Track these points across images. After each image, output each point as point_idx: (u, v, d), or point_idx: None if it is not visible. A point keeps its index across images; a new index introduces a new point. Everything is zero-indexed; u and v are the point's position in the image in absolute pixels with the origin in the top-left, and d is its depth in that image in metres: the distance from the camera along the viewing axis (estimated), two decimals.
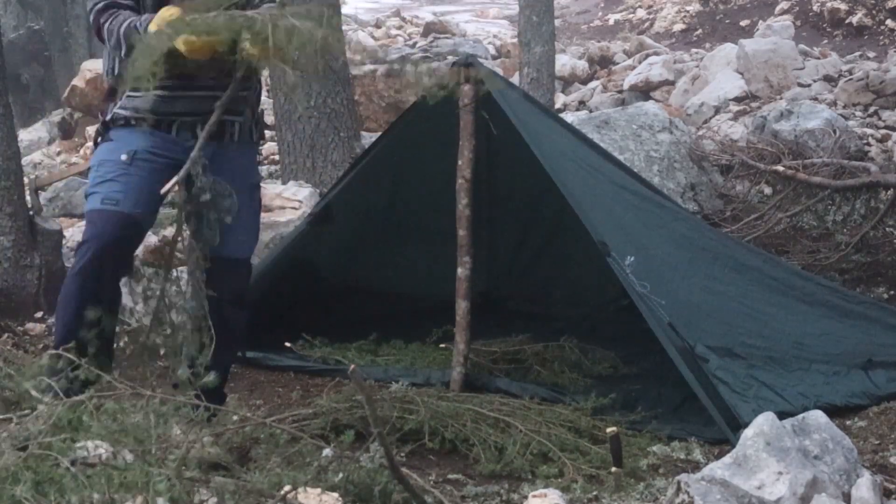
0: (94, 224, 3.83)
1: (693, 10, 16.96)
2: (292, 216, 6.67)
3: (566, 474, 3.67)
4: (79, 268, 3.80)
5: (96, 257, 3.78)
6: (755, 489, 3.06)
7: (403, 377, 4.90)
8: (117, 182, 3.83)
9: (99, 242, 3.78)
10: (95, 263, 3.78)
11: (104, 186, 3.84)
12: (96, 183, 3.87)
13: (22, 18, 16.42)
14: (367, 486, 3.11)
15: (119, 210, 3.81)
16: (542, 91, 9.43)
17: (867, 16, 14.55)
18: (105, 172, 3.85)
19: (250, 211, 4.15)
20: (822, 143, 8.38)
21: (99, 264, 3.78)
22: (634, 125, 8.03)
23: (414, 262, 5.81)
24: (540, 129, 4.86)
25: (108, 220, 3.80)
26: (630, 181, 5.08)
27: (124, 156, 3.85)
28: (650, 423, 4.31)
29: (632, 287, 4.32)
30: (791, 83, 11.25)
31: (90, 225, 3.86)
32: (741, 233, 6.94)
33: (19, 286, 5.91)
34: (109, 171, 3.85)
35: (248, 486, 2.84)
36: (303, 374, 5.22)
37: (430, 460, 3.88)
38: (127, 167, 3.84)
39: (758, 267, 4.99)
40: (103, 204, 3.81)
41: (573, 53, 14.30)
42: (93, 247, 3.79)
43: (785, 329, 4.70)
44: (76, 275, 3.81)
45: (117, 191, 3.82)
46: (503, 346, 5.19)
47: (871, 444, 4.07)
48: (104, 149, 3.92)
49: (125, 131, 3.88)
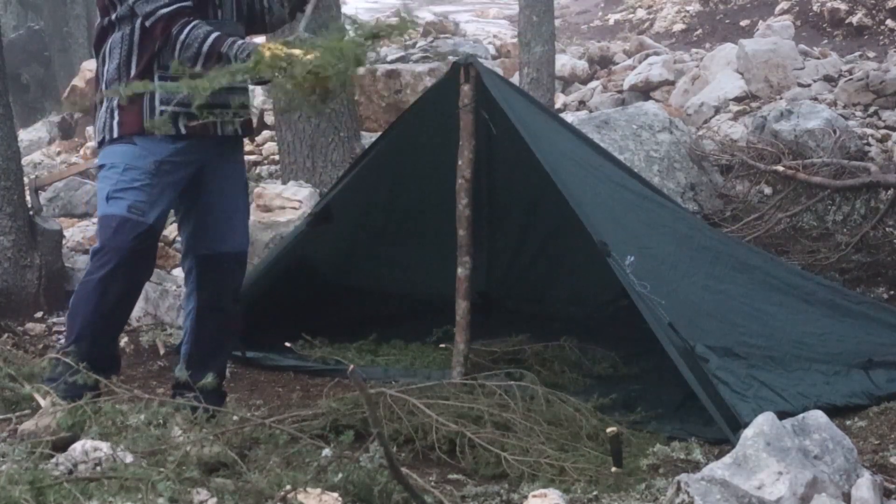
0: (118, 232, 3.80)
1: (693, 10, 16.94)
2: (292, 216, 6.67)
3: (566, 474, 3.67)
4: (101, 275, 3.79)
5: (121, 267, 3.79)
6: (755, 489, 3.06)
7: (403, 377, 4.90)
8: (143, 191, 3.83)
9: (124, 253, 3.79)
10: (120, 273, 3.80)
11: (130, 194, 3.82)
12: (121, 188, 3.83)
13: (22, 18, 16.43)
14: (366, 486, 3.10)
15: (144, 221, 3.82)
16: (542, 91, 9.42)
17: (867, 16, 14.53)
18: (131, 179, 3.83)
19: (245, 205, 4.21)
20: (822, 143, 8.37)
21: (122, 273, 3.81)
22: (634, 125, 8.02)
23: (414, 262, 5.81)
24: (540, 129, 4.85)
25: (133, 229, 3.80)
26: (630, 181, 5.08)
27: (151, 164, 3.83)
28: (650, 423, 4.31)
29: (632, 287, 4.32)
30: (791, 83, 11.24)
31: (111, 230, 3.82)
32: (741, 233, 6.94)
33: (19, 286, 5.91)
34: (136, 179, 3.83)
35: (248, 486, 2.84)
36: (303, 374, 5.22)
37: (430, 460, 3.87)
38: (152, 177, 3.83)
39: (758, 266, 4.98)
40: (130, 212, 3.80)
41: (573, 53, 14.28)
42: (115, 256, 3.78)
43: (785, 329, 4.70)
44: (96, 282, 3.80)
45: (143, 201, 3.82)
46: (503, 346, 5.19)
47: (871, 444, 4.06)
48: (128, 153, 3.87)
49: (150, 139, 3.85)
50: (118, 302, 3.87)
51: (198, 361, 4.01)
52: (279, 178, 8.18)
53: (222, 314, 4.10)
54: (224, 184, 4.02)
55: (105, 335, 3.92)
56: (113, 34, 3.92)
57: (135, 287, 3.96)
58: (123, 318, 4.07)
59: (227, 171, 4.03)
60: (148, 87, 3.63)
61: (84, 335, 3.81)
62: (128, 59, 3.88)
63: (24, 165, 7.37)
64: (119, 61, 3.89)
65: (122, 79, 3.88)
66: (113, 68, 3.91)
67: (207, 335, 4.09)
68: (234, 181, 4.08)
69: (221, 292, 4.08)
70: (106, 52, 3.94)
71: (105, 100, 3.93)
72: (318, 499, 2.89)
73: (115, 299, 3.84)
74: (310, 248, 5.56)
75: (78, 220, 7.87)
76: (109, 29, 3.93)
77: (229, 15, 4.00)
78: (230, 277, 4.10)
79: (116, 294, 3.83)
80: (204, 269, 4.07)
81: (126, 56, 3.89)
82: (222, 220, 4.02)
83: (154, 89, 3.70)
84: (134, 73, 3.87)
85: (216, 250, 4.04)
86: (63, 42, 15.86)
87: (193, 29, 3.76)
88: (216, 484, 2.87)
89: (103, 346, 3.90)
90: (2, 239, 5.86)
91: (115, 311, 3.90)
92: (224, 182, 4.02)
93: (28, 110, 14.50)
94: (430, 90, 5.50)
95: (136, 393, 3.47)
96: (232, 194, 4.07)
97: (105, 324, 3.87)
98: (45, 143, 12.65)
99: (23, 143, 9.49)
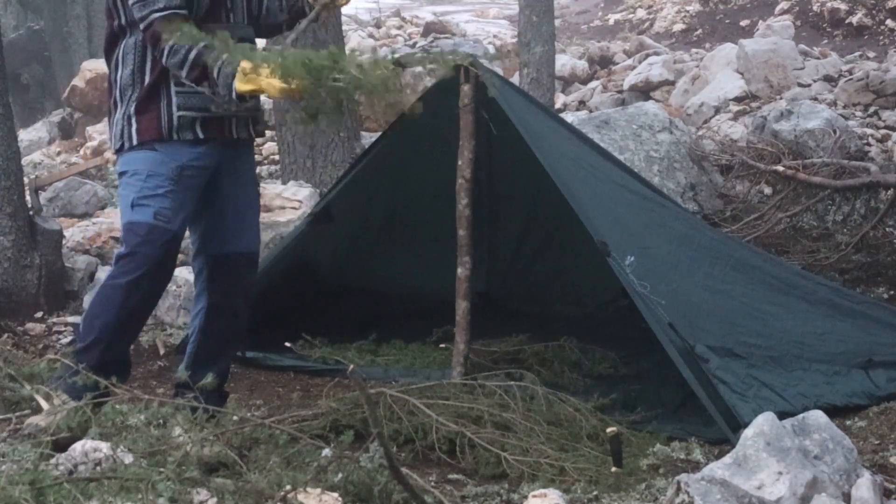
0: (144, 239, 3.82)
1: (693, 10, 16.95)
2: (292, 216, 6.68)
3: (566, 474, 3.67)
4: (125, 281, 3.82)
5: (147, 274, 3.82)
6: (755, 489, 3.06)
7: (403, 377, 4.89)
8: (167, 198, 3.85)
9: (150, 260, 3.81)
10: (145, 279, 3.83)
11: (156, 200, 3.84)
12: (146, 195, 3.84)
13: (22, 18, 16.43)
14: (366, 486, 3.10)
15: (170, 228, 3.85)
16: (542, 91, 9.43)
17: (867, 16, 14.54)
18: (155, 186, 3.85)
19: (256, 205, 4.22)
20: (822, 143, 8.37)
21: (148, 280, 3.84)
22: (634, 125, 8.03)
23: (414, 263, 5.81)
24: (540, 129, 4.85)
25: (160, 236, 3.82)
26: (630, 181, 5.08)
27: (173, 171, 3.85)
28: (650, 423, 4.31)
29: (632, 287, 4.32)
30: (791, 83, 11.24)
31: (139, 238, 3.83)
32: (741, 233, 6.94)
33: (19, 286, 5.91)
34: (160, 186, 3.85)
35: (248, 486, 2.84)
36: (303, 374, 5.23)
37: (430, 460, 3.87)
38: (175, 183, 3.85)
39: (758, 266, 4.98)
40: (156, 219, 3.82)
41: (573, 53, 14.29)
42: (144, 263, 3.81)
43: (785, 328, 4.70)
44: (121, 287, 3.82)
45: (168, 207, 3.84)
46: (503, 346, 5.19)
47: (871, 444, 4.06)
48: (150, 159, 3.87)
49: (170, 145, 3.87)
50: (140, 307, 3.91)
51: (202, 361, 4.02)
52: (279, 178, 8.18)
53: (232, 314, 4.12)
54: (236, 185, 4.03)
55: (122, 340, 3.94)
56: (125, 40, 3.90)
57: (157, 293, 4.01)
58: (141, 324, 4.10)
59: (239, 173, 4.04)
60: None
61: (102, 338, 3.83)
62: (142, 64, 3.87)
63: (24, 165, 7.37)
64: (133, 67, 3.88)
65: (137, 85, 3.88)
66: (127, 74, 3.90)
67: (215, 335, 4.10)
68: (245, 182, 4.10)
69: (232, 292, 4.09)
70: (119, 58, 3.92)
71: (120, 105, 3.92)
72: (318, 499, 2.89)
73: (138, 305, 3.87)
74: (310, 248, 5.56)
75: (78, 220, 7.87)
76: (120, 34, 3.91)
77: (241, 18, 4.00)
78: (241, 277, 4.11)
79: (140, 299, 3.86)
80: (215, 269, 4.07)
81: (140, 62, 3.88)
82: (234, 220, 4.03)
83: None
84: (149, 80, 3.87)
85: (228, 250, 4.05)
86: (63, 42, 15.86)
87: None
88: (216, 484, 2.87)
89: (118, 350, 3.91)
90: (2, 239, 5.86)
91: (135, 316, 3.93)
92: (236, 183, 4.03)
93: (28, 110, 14.50)
94: (430, 90, 5.50)
95: (136, 393, 3.47)
96: (244, 195, 4.08)
97: (123, 329, 3.90)
98: (45, 143, 12.65)
99: (23, 143, 9.49)
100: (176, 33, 3.62)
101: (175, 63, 3.74)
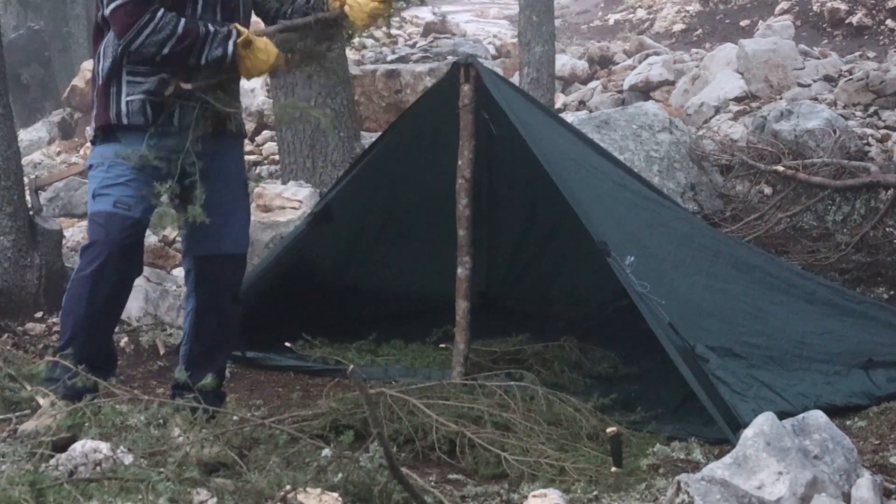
0: (104, 227, 3.83)
1: (693, 10, 16.94)
2: (292, 216, 6.68)
3: (566, 474, 3.67)
4: (90, 271, 3.81)
5: (109, 261, 3.81)
6: (755, 489, 3.06)
7: (403, 377, 4.89)
8: (128, 186, 3.85)
9: (111, 247, 3.81)
10: (108, 267, 3.81)
11: (116, 189, 3.84)
12: (107, 185, 3.86)
13: (22, 18, 16.43)
14: (366, 486, 3.10)
15: (131, 215, 3.84)
16: (542, 91, 9.43)
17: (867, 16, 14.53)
18: (116, 176, 3.86)
19: (245, 206, 4.19)
20: (822, 143, 8.37)
21: (112, 268, 3.82)
22: (634, 125, 8.03)
23: (414, 262, 5.81)
24: (540, 129, 4.85)
25: (120, 223, 3.82)
26: (630, 181, 5.08)
27: (135, 159, 3.85)
28: (650, 423, 4.31)
29: (632, 287, 4.32)
30: (791, 83, 11.23)
31: (99, 227, 3.85)
32: (741, 233, 6.94)
33: (19, 286, 5.91)
34: (122, 175, 3.85)
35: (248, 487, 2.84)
36: (303, 374, 5.22)
37: (430, 460, 3.87)
38: (137, 171, 3.84)
39: (758, 266, 4.98)
40: (116, 207, 3.82)
41: (573, 53, 14.29)
42: (105, 251, 3.81)
43: (785, 328, 4.70)
44: (87, 278, 3.82)
45: (129, 195, 3.84)
46: (503, 346, 5.19)
47: (871, 444, 4.06)
48: (113, 151, 3.89)
49: (133, 134, 3.87)
50: (109, 297, 3.88)
51: (197, 362, 4.01)
52: (279, 178, 8.18)
53: (220, 315, 4.10)
54: (221, 185, 4.00)
55: (98, 332, 3.92)
56: (108, 33, 3.93)
57: (125, 282, 3.96)
58: (115, 314, 4.07)
59: (223, 173, 4.02)
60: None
61: (78, 334, 3.82)
62: (121, 57, 3.89)
63: (24, 165, 7.36)
64: (113, 59, 3.91)
65: (116, 77, 3.90)
66: (108, 66, 3.93)
67: (206, 335, 4.09)
68: (231, 182, 4.07)
69: (219, 293, 4.08)
70: (101, 51, 3.96)
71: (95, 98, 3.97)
72: (318, 499, 2.89)
73: (106, 294, 3.85)
74: (310, 248, 5.56)
75: (78, 220, 7.87)
76: (104, 26, 3.95)
77: (210, 14, 3.93)
78: (227, 279, 4.09)
79: (107, 289, 3.84)
80: (201, 270, 4.07)
81: (120, 55, 3.90)
82: (219, 221, 4.00)
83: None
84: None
85: (213, 252, 4.03)
86: (63, 42, 15.87)
87: (165, 13, 3.77)
88: (216, 484, 2.87)
89: (98, 343, 3.90)
90: (2, 239, 5.86)
91: (106, 307, 3.90)
92: (221, 183, 4.00)
93: (28, 110, 14.50)
94: (430, 90, 5.50)
95: (136, 394, 3.47)
96: (230, 196, 4.05)
97: (98, 320, 3.88)
98: (45, 143, 12.66)
99: (23, 143, 9.49)
100: (159, 13, 3.70)
101: (160, 39, 3.76)
